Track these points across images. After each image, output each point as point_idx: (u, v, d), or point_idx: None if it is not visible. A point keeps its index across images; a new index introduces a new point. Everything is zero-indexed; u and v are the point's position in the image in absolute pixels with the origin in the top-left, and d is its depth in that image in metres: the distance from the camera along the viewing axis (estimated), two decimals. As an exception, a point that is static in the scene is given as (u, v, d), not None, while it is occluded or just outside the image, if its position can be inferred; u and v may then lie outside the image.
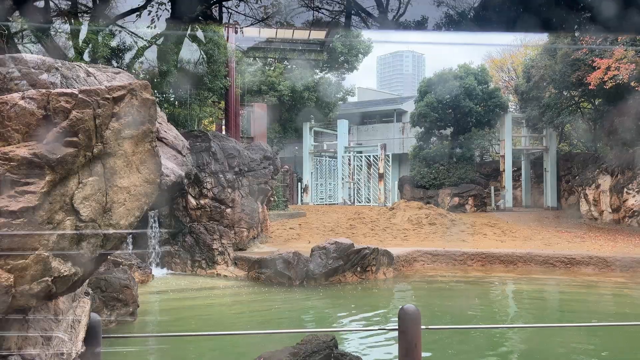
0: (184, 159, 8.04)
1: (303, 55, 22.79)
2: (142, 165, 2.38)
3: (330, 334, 4.70)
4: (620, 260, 13.19)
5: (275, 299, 10.68)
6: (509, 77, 36.52)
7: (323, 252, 11.59)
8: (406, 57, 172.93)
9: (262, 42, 21.40)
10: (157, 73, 14.81)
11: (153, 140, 2.42)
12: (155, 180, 2.45)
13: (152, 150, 2.42)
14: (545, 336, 7.88)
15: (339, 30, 22.48)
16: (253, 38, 19.93)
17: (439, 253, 14.43)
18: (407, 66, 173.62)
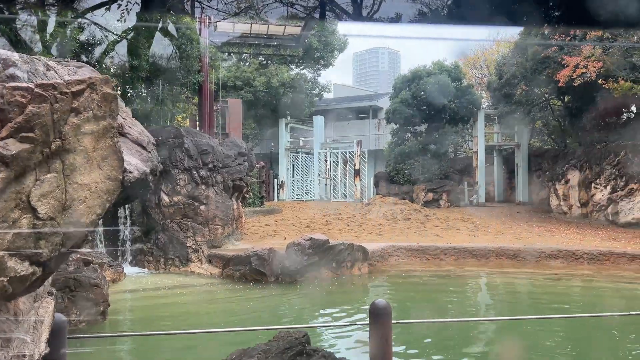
0: (149, 154, 7.90)
1: (278, 50, 22.65)
2: (104, 162, 2.32)
3: (302, 330, 4.69)
4: (587, 253, 13.55)
5: (250, 296, 10.62)
6: (482, 74, 37.06)
7: (298, 248, 11.58)
8: (382, 53, 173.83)
9: (236, 37, 21.20)
10: (129, 68, 14.53)
11: (115, 135, 2.36)
12: (118, 176, 2.39)
13: (114, 146, 2.36)
14: (517, 328, 8.04)
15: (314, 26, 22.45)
16: (227, 33, 19.72)
17: (413, 248, 14.57)
18: (383, 63, 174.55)
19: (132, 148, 7.18)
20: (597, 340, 7.56)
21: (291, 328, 4.71)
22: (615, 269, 12.83)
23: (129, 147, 6.74)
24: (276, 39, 20.74)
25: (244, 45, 22.07)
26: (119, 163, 2.39)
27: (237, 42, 21.91)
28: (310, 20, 15.92)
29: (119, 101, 2.69)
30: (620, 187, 19.45)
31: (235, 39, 21.40)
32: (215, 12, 13.61)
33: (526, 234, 17.61)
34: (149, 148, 8.50)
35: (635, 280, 11.92)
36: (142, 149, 7.67)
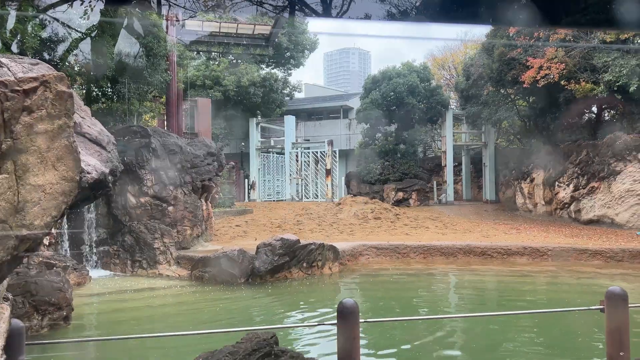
0: (109, 154, 7.70)
1: (248, 50, 22.49)
2: (59, 162, 2.24)
3: (270, 331, 4.66)
4: (551, 250, 13.93)
5: (220, 297, 10.50)
6: (450, 75, 37.68)
7: (269, 248, 11.52)
8: (352, 54, 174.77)
9: (205, 35, 20.95)
10: (93, 66, 14.16)
11: (71, 135, 2.28)
12: (74, 177, 2.31)
13: (70, 145, 2.28)
14: (485, 324, 8.19)
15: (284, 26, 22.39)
16: (196, 31, 19.46)
17: (383, 247, 14.69)
18: (354, 63, 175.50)
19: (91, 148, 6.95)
20: (560, 334, 7.77)
21: (259, 329, 4.67)
22: (577, 265, 13.23)
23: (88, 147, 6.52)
24: (246, 38, 20.59)
25: (213, 44, 21.82)
26: (75, 163, 2.31)
27: (206, 40, 21.64)
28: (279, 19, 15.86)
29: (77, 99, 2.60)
30: (582, 186, 20.07)
31: (204, 37, 21.15)
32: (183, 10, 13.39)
33: (493, 231, 17.99)
34: (109, 148, 8.27)
35: (596, 276, 12.32)
36: (101, 149, 7.45)
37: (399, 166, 27.58)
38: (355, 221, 19.85)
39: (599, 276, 12.26)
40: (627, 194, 18.22)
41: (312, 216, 20.47)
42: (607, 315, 4.08)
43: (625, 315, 4.05)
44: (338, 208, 21.64)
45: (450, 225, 19.71)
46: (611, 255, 13.43)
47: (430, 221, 20.47)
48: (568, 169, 20.85)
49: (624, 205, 18.35)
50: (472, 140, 31.96)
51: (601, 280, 11.70)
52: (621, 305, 4.06)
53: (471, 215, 23.14)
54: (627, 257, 13.31)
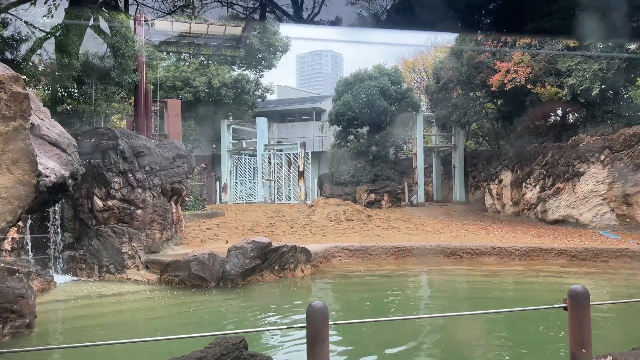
0: (69, 157, 7.48)
1: (219, 51, 22.27)
2: (14, 165, 2.16)
3: (240, 336, 4.61)
4: (519, 249, 14.24)
5: (190, 302, 10.34)
6: (420, 78, 38.18)
7: (240, 252, 11.42)
8: (325, 56, 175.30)
9: (175, 36, 20.65)
10: (58, 66, 13.78)
11: (27, 137, 2.20)
12: (31, 181, 2.23)
13: (27, 148, 2.20)
14: (455, 323, 8.30)
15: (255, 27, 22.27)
16: (165, 32, 19.16)
17: (355, 248, 14.75)
18: (326, 65, 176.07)
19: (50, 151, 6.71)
20: (528, 332, 7.95)
21: (228, 334, 4.61)
22: (543, 264, 13.56)
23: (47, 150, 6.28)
24: (217, 39, 20.39)
25: (183, 45, 21.53)
26: (32, 167, 2.23)
27: (176, 41, 21.35)
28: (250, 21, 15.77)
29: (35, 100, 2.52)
30: (548, 187, 20.60)
31: (174, 38, 20.85)
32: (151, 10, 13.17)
33: (462, 232, 18.27)
34: (70, 150, 8.03)
35: (562, 274, 12.65)
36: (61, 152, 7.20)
37: (371, 168, 27.79)
38: (328, 223, 19.88)
39: (565, 275, 12.59)
40: (590, 194, 18.80)
41: (285, 218, 20.40)
42: (569, 313, 4.18)
43: (587, 313, 4.16)
44: (311, 210, 21.63)
45: (421, 226, 19.93)
46: (575, 255, 13.82)
47: (402, 222, 20.67)
48: (534, 171, 21.38)
49: (587, 206, 18.92)
50: (442, 142, 32.45)
51: (566, 279, 12.01)
52: (583, 303, 4.16)
53: (441, 216, 23.48)
54: (591, 256, 13.72)
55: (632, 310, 9.06)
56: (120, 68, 14.85)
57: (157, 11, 12.46)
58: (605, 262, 13.47)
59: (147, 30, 17.21)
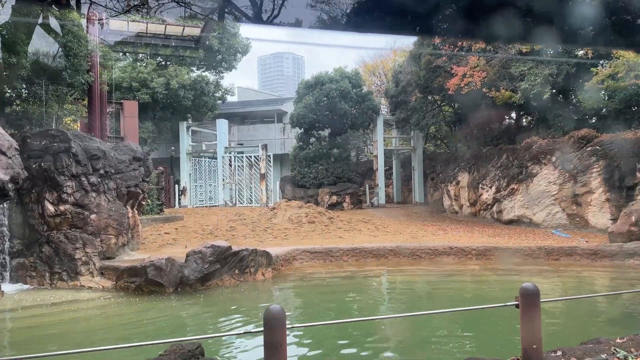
0: (9, 161, 7.17)
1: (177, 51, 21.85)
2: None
3: (196, 342, 4.51)
4: (475, 249, 14.61)
5: (147, 309, 10.07)
6: (380, 81, 38.69)
7: (199, 256, 11.21)
8: (286, 58, 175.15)
9: (131, 36, 20.13)
10: (5, 66, 13.17)
11: (-40, 139, 2.07)
12: (-35, 186, 2.10)
13: (-40, 151, 2.07)
14: (414, 323, 8.41)
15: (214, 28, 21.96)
16: (120, 31, 18.64)
17: (316, 250, 14.76)
18: (288, 67, 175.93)
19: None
20: (483, 330, 8.14)
21: (184, 340, 4.51)
22: (499, 263, 13.95)
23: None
24: (174, 39, 20.00)
25: (139, 45, 20.99)
26: (-34, 170, 2.10)
27: (132, 41, 20.81)
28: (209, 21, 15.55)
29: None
30: (503, 188, 21.25)
31: (130, 38, 20.32)
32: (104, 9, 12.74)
33: (422, 232, 18.59)
34: (10, 153, 7.67)
35: (516, 273, 13.04)
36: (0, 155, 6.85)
37: (333, 170, 27.92)
38: (290, 226, 19.82)
39: (519, 273, 12.99)
40: (542, 195, 19.51)
41: (246, 222, 20.20)
42: (521, 311, 4.30)
43: (537, 310, 4.29)
44: (272, 213, 21.52)
45: (382, 227, 20.17)
46: (529, 253, 14.29)
47: (363, 224, 20.85)
48: (490, 172, 22.01)
49: (540, 206, 19.63)
50: (402, 145, 32.98)
51: (521, 277, 12.39)
52: (534, 300, 4.30)
53: (401, 217, 23.83)
54: (543, 254, 14.22)
55: (581, 306, 9.43)
56: (73, 68, 14.33)
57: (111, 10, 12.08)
58: (557, 260, 13.99)
59: (102, 30, 16.70)
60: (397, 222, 21.84)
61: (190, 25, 18.16)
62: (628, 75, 18.06)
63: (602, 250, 13.91)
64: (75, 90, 15.51)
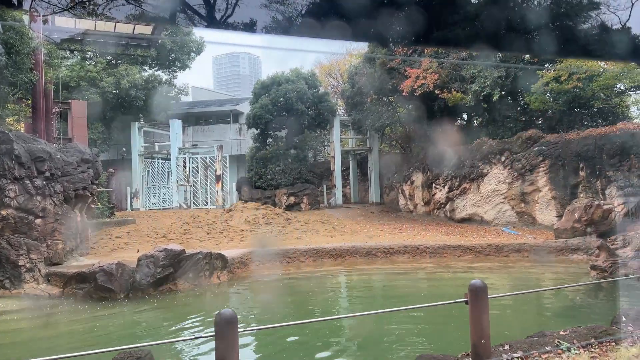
0: None
1: (128, 50, 21.19)
2: None
3: (145, 349, 4.38)
4: (429, 247, 14.93)
5: (96, 315, 9.73)
6: (337, 82, 38.91)
7: (151, 260, 10.93)
8: (242, 58, 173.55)
9: (79, 33, 19.35)
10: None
11: None
12: None
13: None
14: (370, 321, 8.49)
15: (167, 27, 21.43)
16: (67, 28, 17.89)
17: (273, 252, 14.68)
18: (244, 68, 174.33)
19: None
20: (437, 326, 8.32)
21: (133, 347, 4.37)
22: (451, 261, 14.32)
23: None
24: (125, 37, 19.40)
25: (87, 43, 20.22)
26: None
27: (80, 39, 20.02)
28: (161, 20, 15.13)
29: None
30: (455, 187, 21.81)
31: (78, 35, 19.53)
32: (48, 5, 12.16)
33: (378, 232, 18.83)
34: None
35: (468, 270, 13.41)
36: None
37: (290, 171, 27.83)
38: (247, 227, 19.63)
39: (470, 270, 13.36)
40: (493, 193, 20.15)
41: (201, 224, 19.85)
42: (470, 307, 4.42)
43: (485, 306, 4.41)
44: (229, 215, 21.24)
45: (339, 227, 20.28)
46: (480, 250, 14.74)
47: (320, 224, 20.90)
48: (443, 172, 22.54)
49: (490, 204, 20.27)
50: (358, 146, 33.28)
51: (473, 274, 12.76)
52: (482, 296, 4.42)
53: (358, 217, 24.05)
54: (494, 251, 14.70)
55: (528, 301, 9.80)
56: (15, 66, 13.64)
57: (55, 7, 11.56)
58: (506, 257, 14.48)
59: (46, 27, 15.98)
60: (354, 222, 22.02)
61: (141, 23, 17.67)
62: (571, 78, 18.96)
63: (549, 246, 14.52)
64: (18, 89, 14.78)
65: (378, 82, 24.10)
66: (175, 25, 24.55)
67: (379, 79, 23.96)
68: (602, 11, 14.40)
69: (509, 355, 4.61)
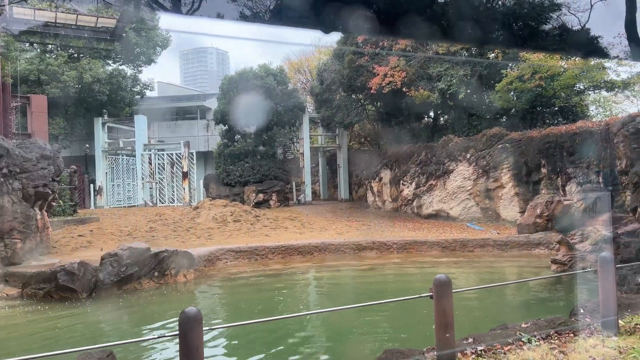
0: None
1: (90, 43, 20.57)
2: None
3: (107, 350, 4.27)
4: (396, 243, 15.10)
5: (57, 316, 9.43)
6: (306, 79, 38.86)
7: (115, 259, 10.68)
8: (210, 53, 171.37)
9: (39, 26, 18.67)
10: None
11: None
12: None
13: None
14: (338, 317, 8.52)
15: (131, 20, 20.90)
16: (26, 20, 17.23)
17: (241, 250, 14.56)
18: (212, 63, 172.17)
19: None
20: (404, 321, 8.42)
21: (94, 348, 4.25)
22: (418, 256, 14.52)
23: None
24: (88, 30, 18.81)
25: (48, 36, 19.53)
26: None
27: (40, 31, 19.32)
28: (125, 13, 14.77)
29: None
30: (422, 184, 22.12)
31: (38, 27, 18.84)
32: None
33: (346, 228, 18.92)
34: None
35: (434, 264, 13.63)
36: None
37: (259, 168, 27.64)
38: (214, 225, 19.40)
39: (437, 265, 13.59)
40: (458, 190, 20.53)
41: (167, 222, 19.51)
42: (435, 301, 4.48)
43: (449, 300, 4.48)
44: (196, 212, 20.95)
45: (308, 224, 20.29)
46: (446, 246, 15.00)
47: (290, 221, 20.85)
48: (411, 169, 22.83)
49: (456, 200, 20.65)
50: (327, 143, 33.34)
51: (439, 269, 12.97)
52: (446, 291, 4.49)
53: (327, 213, 24.11)
54: (459, 246, 14.98)
55: (492, 295, 10.03)
56: (-31, 58, 13.06)
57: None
58: (471, 252, 14.79)
59: (3, 17, 15.35)
60: (323, 218, 22.06)
61: (104, 16, 17.17)
62: (533, 78, 19.46)
63: (512, 241, 14.90)
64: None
65: (346, 79, 24.19)
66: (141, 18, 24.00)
67: (347, 76, 24.05)
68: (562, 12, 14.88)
69: (472, 347, 4.70)
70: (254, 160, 27.80)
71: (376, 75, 21.87)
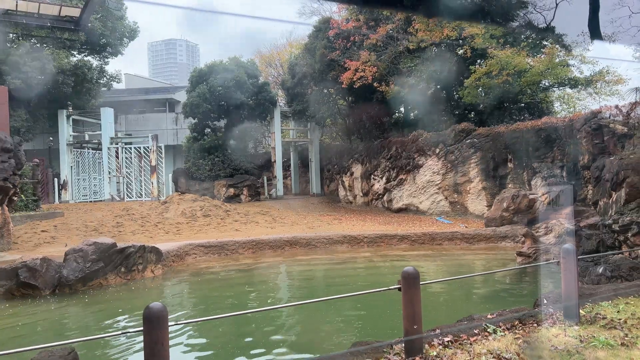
0: None
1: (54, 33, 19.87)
2: None
3: (68, 347, 4.14)
4: (367, 237, 15.19)
5: (19, 314, 9.12)
6: (277, 72, 38.62)
7: (79, 255, 10.39)
8: (180, 45, 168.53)
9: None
10: None
11: None
12: None
13: None
14: (309, 311, 8.52)
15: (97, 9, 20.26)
16: (-17, 7, 16.50)
17: (211, 244, 14.40)
18: (181, 55, 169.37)
19: None
20: (374, 313, 8.48)
21: (55, 345, 4.12)
22: (388, 249, 14.66)
23: None
24: (50, 19, 18.15)
25: (8, 24, 18.76)
26: None
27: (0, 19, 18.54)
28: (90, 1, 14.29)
29: None
30: (393, 178, 22.33)
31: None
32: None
33: (317, 222, 18.94)
34: None
35: (404, 258, 13.78)
36: None
37: (230, 162, 27.37)
38: (183, 220, 19.13)
39: (406, 258, 13.74)
40: (428, 184, 20.80)
41: (135, 217, 19.12)
42: (403, 294, 4.50)
43: (417, 293, 4.52)
44: (164, 207, 20.60)
45: (279, 219, 20.22)
46: (415, 239, 15.18)
47: (261, 216, 20.74)
48: (381, 164, 23.00)
49: (425, 194, 20.92)
50: (299, 137, 33.26)
51: (408, 262, 13.11)
52: (414, 283, 4.52)
53: (299, 208, 24.09)
54: (428, 239, 15.19)
55: (459, 287, 10.21)
56: None
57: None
58: (440, 245, 15.01)
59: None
60: (294, 213, 22.02)
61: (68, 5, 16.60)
62: (501, 74, 19.83)
63: (479, 235, 15.19)
64: None
65: (318, 73, 24.13)
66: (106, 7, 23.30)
67: (319, 70, 24.00)
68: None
69: (439, 338, 4.76)
70: (224, 155, 27.50)
71: (348, 70, 21.89)
